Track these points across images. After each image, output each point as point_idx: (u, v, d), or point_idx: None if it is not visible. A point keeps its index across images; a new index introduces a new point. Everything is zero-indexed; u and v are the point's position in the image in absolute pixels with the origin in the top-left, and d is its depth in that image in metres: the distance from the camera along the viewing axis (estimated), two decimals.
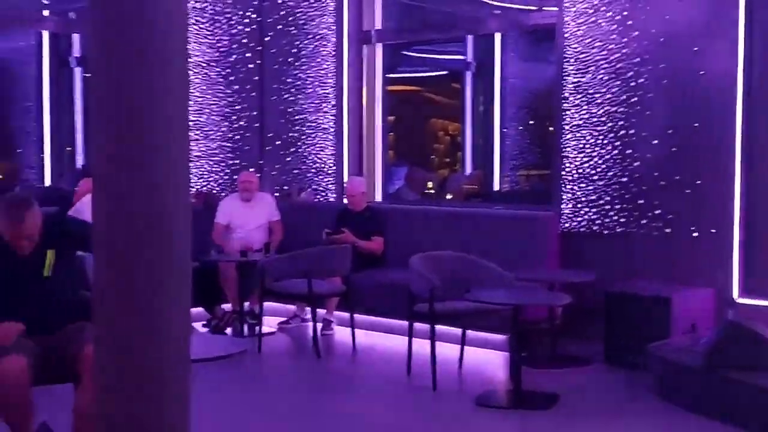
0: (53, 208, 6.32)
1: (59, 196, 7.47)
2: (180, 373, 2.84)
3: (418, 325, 5.56)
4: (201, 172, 8.00)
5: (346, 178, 7.76)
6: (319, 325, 6.52)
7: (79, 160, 9.07)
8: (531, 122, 9.70)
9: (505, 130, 9.65)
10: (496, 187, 9.58)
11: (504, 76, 9.70)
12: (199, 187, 7.95)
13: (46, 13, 8.97)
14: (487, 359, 6.00)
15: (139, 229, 2.76)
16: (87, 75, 8.99)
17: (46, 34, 9.33)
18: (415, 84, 10.82)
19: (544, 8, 7.09)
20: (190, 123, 7.82)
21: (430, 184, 9.76)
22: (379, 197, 8.00)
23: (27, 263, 3.88)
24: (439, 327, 5.50)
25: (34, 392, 3.74)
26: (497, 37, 9.56)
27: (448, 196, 9.06)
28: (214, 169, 8.06)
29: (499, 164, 9.61)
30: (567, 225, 6.57)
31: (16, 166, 9.83)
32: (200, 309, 6.91)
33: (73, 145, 9.21)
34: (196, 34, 7.93)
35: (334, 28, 7.93)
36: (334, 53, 7.92)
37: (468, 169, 10.07)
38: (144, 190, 2.76)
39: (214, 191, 7.95)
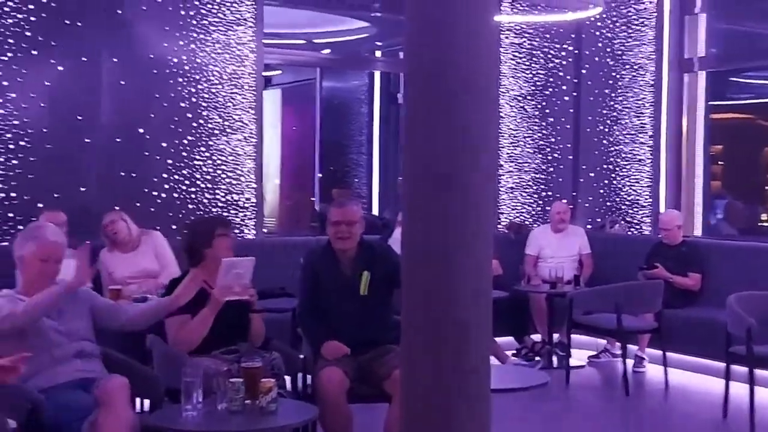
0: (376, 236, 6.80)
1: (383, 225, 8.01)
2: (481, 400, 2.93)
3: (735, 368, 5.25)
4: (514, 204, 8.15)
5: (662, 211, 7.51)
6: (630, 362, 6.36)
7: None
8: None
9: None
10: None
11: None
12: (511, 217, 8.11)
13: (378, 54, 9.67)
14: None
15: (443, 259, 2.90)
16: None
17: (377, 74, 10.07)
18: (747, 111, 10.21)
19: None
20: (505, 155, 8.08)
21: (764, 217, 9.13)
22: (698, 231, 7.65)
23: (347, 280, 4.23)
24: (760, 371, 5.15)
25: (352, 409, 4.03)
26: None
27: None
28: (526, 200, 8.18)
29: None
30: None
31: (350, 194, 10.64)
32: (510, 338, 7.03)
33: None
34: (513, 68, 8.12)
35: (653, 57, 7.75)
36: (652, 83, 7.73)
37: None
38: (449, 222, 2.90)
39: (526, 222, 8.07)
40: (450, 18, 2.88)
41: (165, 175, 6.59)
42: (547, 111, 8.17)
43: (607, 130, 7.97)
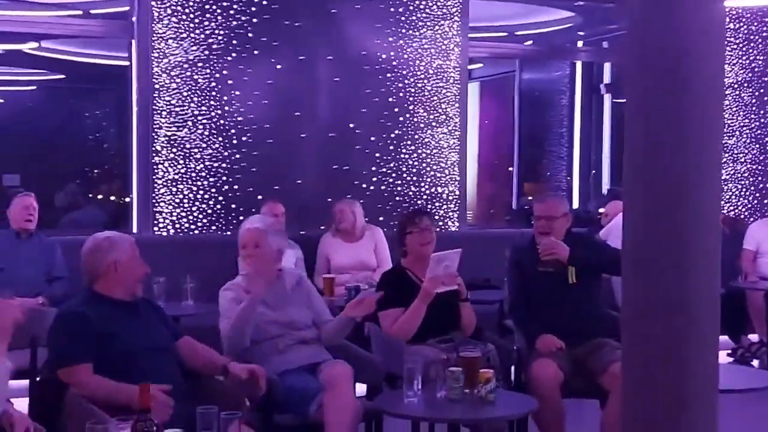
0: (581, 229, 6.70)
1: (586, 218, 7.88)
2: (708, 403, 2.82)
3: None
4: (728, 196, 7.79)
5: None
6: None
7: (605, 184, 9.38)
8: None
9: None
10: None
11: None
12: (725, 211, 7.75)
13: (580, 44, 9.50)
14: None
15: (668, 251, 2.82)
16: (616, 101, 9.29)
17: (579, 64, 9.89)
18: None
19: None
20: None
21: None
22: None
23: (555, 272, 4.22)
24: None
25: (564, 404, 4.00)
26: None
27: None
28: (742, 193, 7.80)
29: None
30: None
31: (543, 187, 10.52)
32: (725, 337, 6.73)
33: (600, 169, 9.55)
34: (729, 55, 7.76)
35: None
36: None
37: None
38: (674, 213, 2.82)
39: (742, 216, 7.69)
40: (678, 6, 2.81)
41: (373, 168, 6.78)
42: (766, 99, 7.75)
43: None
